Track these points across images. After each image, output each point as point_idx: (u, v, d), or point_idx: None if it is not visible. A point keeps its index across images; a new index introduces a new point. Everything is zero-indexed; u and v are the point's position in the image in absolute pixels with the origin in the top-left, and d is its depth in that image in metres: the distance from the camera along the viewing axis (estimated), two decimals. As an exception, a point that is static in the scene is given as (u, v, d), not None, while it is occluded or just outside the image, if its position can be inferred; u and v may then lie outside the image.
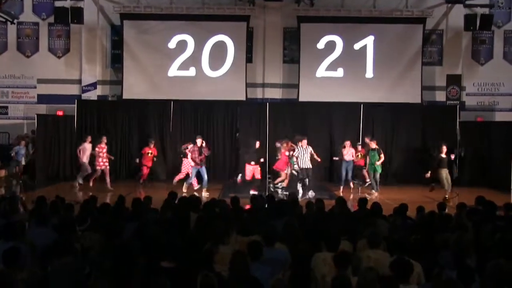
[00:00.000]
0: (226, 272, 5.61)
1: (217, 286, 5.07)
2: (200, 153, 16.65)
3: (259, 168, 17.08)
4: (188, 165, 17.13)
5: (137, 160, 18.61)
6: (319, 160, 16.79)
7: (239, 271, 5.42)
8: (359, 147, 18.11)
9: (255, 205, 9.92)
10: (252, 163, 16.96)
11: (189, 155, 16.78)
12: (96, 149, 17.41)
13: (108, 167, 17.53)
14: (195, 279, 5.13)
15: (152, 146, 18.14)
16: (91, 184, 17.57)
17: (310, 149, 16.38)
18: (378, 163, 16.85)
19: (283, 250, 6.60)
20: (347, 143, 17.75)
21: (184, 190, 16.33)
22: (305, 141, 16.37)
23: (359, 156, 17.89)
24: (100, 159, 17.36)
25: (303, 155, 16.22)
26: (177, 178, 17.57)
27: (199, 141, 16.79)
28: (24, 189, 17.03)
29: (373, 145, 17.05)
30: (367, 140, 17.52)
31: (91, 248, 6.83)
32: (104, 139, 17.53)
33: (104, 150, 17.45)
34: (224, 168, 20.05)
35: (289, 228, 7.34)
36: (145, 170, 18.14)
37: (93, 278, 5.69)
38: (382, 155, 16.97)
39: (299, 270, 5.53)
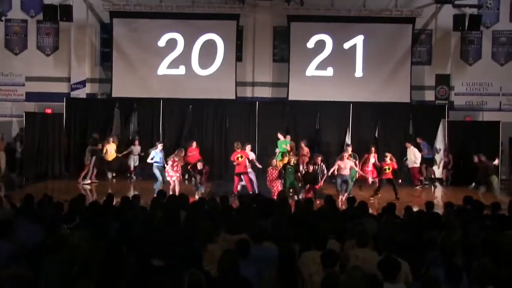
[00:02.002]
0: (214, 270, 5.61)
1: (205, 284, 5.06)
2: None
3: None
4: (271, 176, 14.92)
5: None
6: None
7: (228, 271, 5.42)
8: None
9: (243, 204, 9.90)
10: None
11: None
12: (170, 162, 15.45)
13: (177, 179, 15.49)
14: (184, 277, 5.13)
15: (239, 150, 15.68)
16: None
17: (323, 167, 15.47)
18: (358, 175, 15.85)
19: (272, 248, 6.60)
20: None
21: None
22: (319, 158, 15.59)
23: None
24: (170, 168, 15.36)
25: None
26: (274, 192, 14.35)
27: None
28: (12, 187, 16.94)
29: (349, 150, 16.37)
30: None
31: (79, 247, 6.79)
32: (181, 153, 15.78)
33: (173, 162, 15.39)
34: (212, 167, 19.80)
35: (278, 227, 7.34)
36: (246, 178, 15.66)
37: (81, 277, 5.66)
38: (356, 161, 16.01)
39: (286, 269, 5.54)
